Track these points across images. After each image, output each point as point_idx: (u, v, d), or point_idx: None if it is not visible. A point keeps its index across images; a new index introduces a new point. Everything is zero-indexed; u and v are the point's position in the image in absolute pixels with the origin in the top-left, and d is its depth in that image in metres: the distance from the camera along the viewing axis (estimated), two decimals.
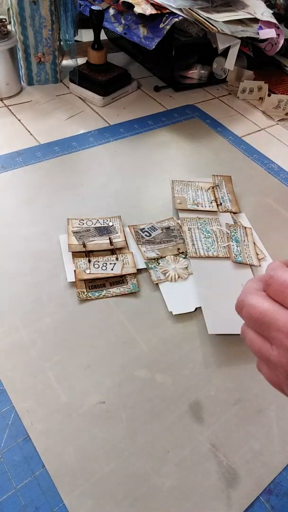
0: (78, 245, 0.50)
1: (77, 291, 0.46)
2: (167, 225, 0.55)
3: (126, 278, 0.48)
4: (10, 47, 0.70)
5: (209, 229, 0.54)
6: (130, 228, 0.54)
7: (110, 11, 0.77)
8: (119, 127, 0.74)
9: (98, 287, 0.47)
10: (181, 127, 0.76)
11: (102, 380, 0.40)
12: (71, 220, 0.53)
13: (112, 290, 0.47)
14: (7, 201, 0.56)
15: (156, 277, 0.49)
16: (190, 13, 0.72)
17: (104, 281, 0.48)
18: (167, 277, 0.49)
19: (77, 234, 0.51)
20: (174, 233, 0.54)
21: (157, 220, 0.56)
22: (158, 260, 0.51)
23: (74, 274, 0.48)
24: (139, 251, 0.51)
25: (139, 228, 0.54)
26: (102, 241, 0.51)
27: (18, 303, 0.45)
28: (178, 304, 0.47)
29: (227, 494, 0.34)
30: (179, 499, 0.34)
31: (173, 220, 0.56)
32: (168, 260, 0.50)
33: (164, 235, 0.53)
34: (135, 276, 0.49)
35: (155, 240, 0.53)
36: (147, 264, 0.50)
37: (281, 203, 0.63)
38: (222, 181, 0.63)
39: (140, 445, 0.36)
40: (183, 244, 0.53)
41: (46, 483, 0.34)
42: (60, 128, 0.72)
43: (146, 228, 0.54)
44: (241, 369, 0.42)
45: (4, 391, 0.38)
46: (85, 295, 0.46)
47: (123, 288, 0.47)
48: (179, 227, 0.55)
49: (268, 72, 0.94)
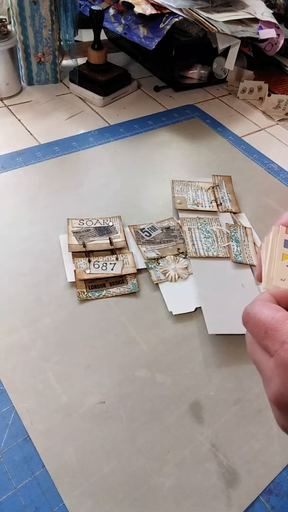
0: (78, 245, 0.50)
1: (77, 291, 0.46)
2: (167, 225, 0.55)
3: (126, 278, 0.48)
4: (10, 47, 0.70)
5: (209, 229, 0.54)
6: (130, 228, 0.54)
7: (110, 11, 0.77)
8: (119, 127, 0.74)
9: (98, 287, 0.47)
10: (181, 127, 0.76)
11: (102, 380, 0.40)
12: (71, 220, 0.53)
13: (112, 290, 0.47)
14: (7, 201, 0.56)
15: (156, 277, 0.49)
16: (190, 13, 0.72)
17: (104, 281, 0.48)
18: (167, 277, 0.49)
19: (77, 234, 0.51)
20: (174, 233, 0.54)
21: (157, 220, 0.56)
22: (158, 260, 0.50)
23: (74, 274, 0.48)
24: (139, 251, 0.51)
25: (139, 228, 0.54)
26: (102, 241, 0.51)
27: (18, 303, 0.45)
28: (178, 304, 0.47)
29: (227, 494, 0.34)
30: (179, 499, 0.34)
31: (173, 220, 0.56)
32: (168, 260, 0.50)
33: (164, 235, 0.53)
34: (135, 276, 0.49)
35: (155, 240, 0.53)
36: (147, 264, 0.50)
37: (281, 203, 0.63)
38: (222, 181, 0.63)
39: (140, 445, 0.36)
40: (183, 244, 0.53)
41: (46, 483, 0.34)
42: (60, 128, 0.72)
43: (146, 228, 0.54)
44: (241, 369, 0.42)
45: (4, 391, 0.38)
46: (85, 295, 0.46)
47: (123, 288, 0.47)
48: (179, 227, 0.55)
49: (268, 72, 0.94)
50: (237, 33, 0.76)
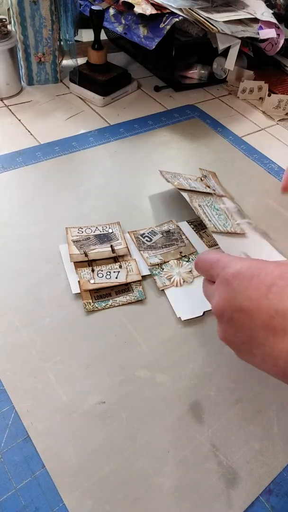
0: (79, 255, 0.49)
1: (83, 302, 0.45)
2: (167, 228, 0.55)
3: (131, 286, 0.48)
4: (10, 47, 0.70)
5: (217, 207, 0.52)
6: (130, 234, 0.53)
7: (110, 11, 0.77)
8: (119, 127, 0.74)
9: (104, 297, 0.46)
10: (181, 127, 0.76)
11: (102, 380, 0.40)
12: (70, 229, 0.53)
13: (118, 299, 0.46)
14: (7, 201, 0.56)
15: (162, 283, 0.48)
16: (190, 13, 0.72)
17: (110, 290, 0.47)
18: (172, 282, 0.48)
19: (77, 243, 0.51)
20: (175, 236, 0.53)
21: (156, 224, 0.56)
22: (162, 265, 0.50)
23: (78, 285, 0.47)
24: (141, 257, 0.51)
25: (139, 234, 0.54)
26: (103, 249, 0.50)
27: (18, 303, 0.45)
28: (186, 309, 0.46)
29: (227, 494, 0.34)
30: (179, 499, 0.34)
31: (173, 223, 0.56)
32: (172, 265, 0.50)
33: (165, 239, 0.53)
34: (141, 283, 0.48)
35: (157, 245, 0.52)
36: (151, 271, 0.49)
37: (281, 203, 0.63)
38: (209, 174, 0.64)
39: (140, 445, 0.36)
40: (185, 247, 0.52)
41: (46, 483, 0.34)
42: (60, 128, 0.72)
43: (146, 233, 0.54)
44: (241, 369, 0.42)
45: (4, 391, 0.38)
46: (92, 306, 0.45)
47: (129, 296, 0.47)
48: (179, 229, 0.55)
49: (268, 72, 0.94)
50: (237, 33, 0.76)
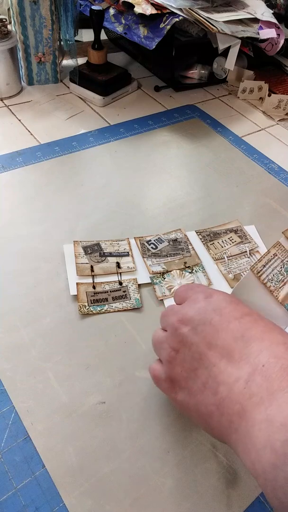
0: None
1: (78, 305, 0.45)
2: (175, 237, 0.54)
3: (129, 293, 0.47)
4: (11, 47, 0.70)
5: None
6: (136, 240, 0.53)
7: (110, 11, 0.77)
8: (119, 127, 0.74)
9: (100, 301, 0.46)
10: (181, 127, 0.76)
11: (102, 380, 0.40)
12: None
13: (114, 305, 0.46)
14: (7, 201, 0.56)
15: (161, 292, 0.48)
16: (190, 13, 0.72)
17: (107, 295, 0.47)
18: (171, 293, 0.47)
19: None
20: (181, 245, 0.52)
21: (164, 232, 0.55)
22: (164, 274, 0.49)
23: (76, 287, 0.47)
24: (144, 265, 0.50)
25: (145, 240, 0.53)
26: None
27: (18, 303, 0.45)
28: None
29: (227, 494, 0.34)
30: (179, 499, 0.34)
31: (181, 232, 0.55)
32: (174, 275, 0.49)
33: (171, 248, 0.52)
34: (139, 291, 0.48)
35: (162, 253, 0.51)
36: (152, 279, 0.49)
37: (281, 203, 0.63)
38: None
39: (140, 445, 0.36)
40: (190, 257, 0.51)
41: (46, 483, 0.34)
42: (60, 128, 0.72)
43: (153, 240, 0.53)
44: None
45: (4, 391, 0.38)
46: (87, 310, 0.45)
47: (125, 303, 0.46)
48: (187, 239, 0.54)
49: (268, 72, 0.94)
50: (237, 33, 0.76)
